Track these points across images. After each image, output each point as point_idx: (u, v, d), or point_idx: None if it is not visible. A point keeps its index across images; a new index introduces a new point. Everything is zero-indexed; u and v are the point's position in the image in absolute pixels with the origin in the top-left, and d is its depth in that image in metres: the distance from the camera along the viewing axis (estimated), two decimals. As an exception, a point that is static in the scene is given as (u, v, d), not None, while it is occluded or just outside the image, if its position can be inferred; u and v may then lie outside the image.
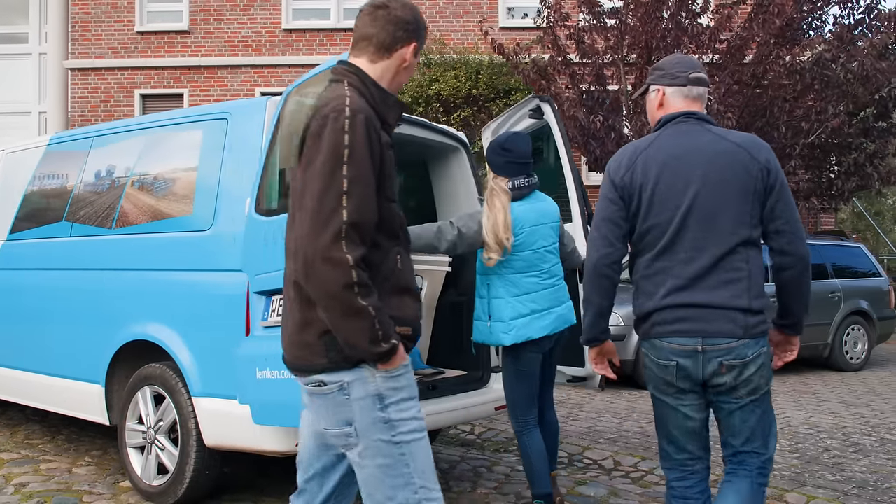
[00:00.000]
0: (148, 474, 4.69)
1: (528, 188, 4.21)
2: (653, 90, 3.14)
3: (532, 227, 4.17)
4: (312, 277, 2.22)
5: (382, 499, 2.37)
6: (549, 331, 4.17)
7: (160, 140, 4.98)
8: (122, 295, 4.89)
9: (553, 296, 4.24)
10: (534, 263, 4.18)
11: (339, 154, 2.22)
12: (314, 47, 15.93)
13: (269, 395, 3.92)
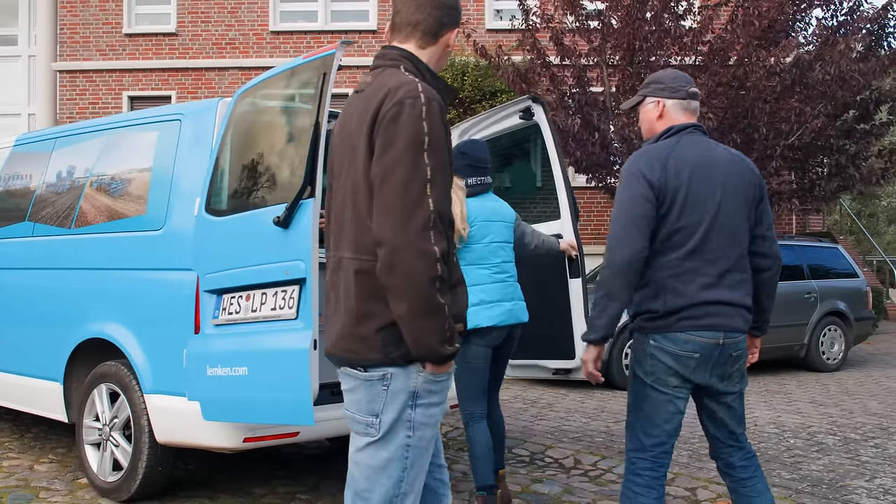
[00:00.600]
0: (103, 471, 4.75)
1: (480, 186, 4.47)
2: (650, 102, 3.32)
3: (483, 222, 4.40)
4: (399, 269, 2.16)
5: (361, 490, 2.36)
6: (496, 321, 4.31)
7: (118, 141, 5.04)
8: (79, 294, 4.95)
9: (503, 290, 4.41)
10: (484, 256, 4.38)
11: (419, 141, 2.18)
12: (301, 49, 15.99)
13: (219, 392, 3.98)
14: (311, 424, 3.61)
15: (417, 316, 2.18)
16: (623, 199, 3.11)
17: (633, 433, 3.26)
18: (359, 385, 2.36)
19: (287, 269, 3.67)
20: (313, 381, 3.55)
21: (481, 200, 4.46)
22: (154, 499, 4.70)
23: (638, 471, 3.23)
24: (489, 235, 4.41)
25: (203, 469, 5.47)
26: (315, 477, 5.34)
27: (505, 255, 4.48)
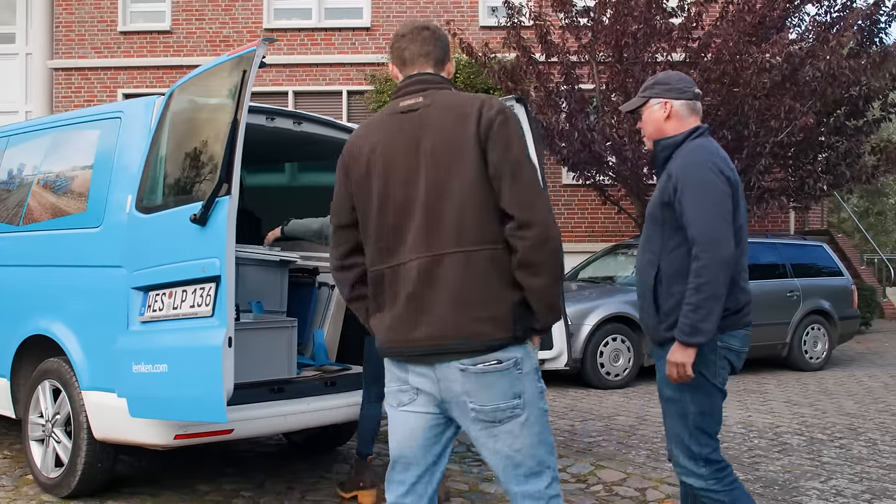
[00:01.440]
0: (46, 467, 4.78)
1: None
2: (656, 103, 3.34)
3: None
4: (549, 244, 2.48)
5: (534, 465, 2.59)
6: None
7: (64, 139, 5.06)
8: (25, 291, 4.98)
9: None
10: None
11: (523, 143, 2.58)
12: (295, 47, 16.03)
13: (144, 389, 3.99)
14: (224, 422, 3.61)
15: (554, 284, 2.51)
16: (706, 195, 3.11)
17: (705, 439, 3.23)
18: (491, 378, 2.52)
19: (204, 267, 3.68)
20: (226, 379, 3.56)
21: None
22: (96, 495, 4.72)
23: (730, 473, 3.27)
24: None
25: (151, 466, 5.49)
26: (262, 474, 5.34)
27: None
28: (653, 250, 3.30)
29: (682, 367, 3.11)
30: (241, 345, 4.64)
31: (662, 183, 3.27)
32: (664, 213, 3.24)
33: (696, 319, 3.04)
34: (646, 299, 3.33)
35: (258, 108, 4.96)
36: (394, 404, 2.67)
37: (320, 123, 5.20)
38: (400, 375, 2.64)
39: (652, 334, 3.34)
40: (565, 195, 15.78)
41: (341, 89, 15.92)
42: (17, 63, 16.51)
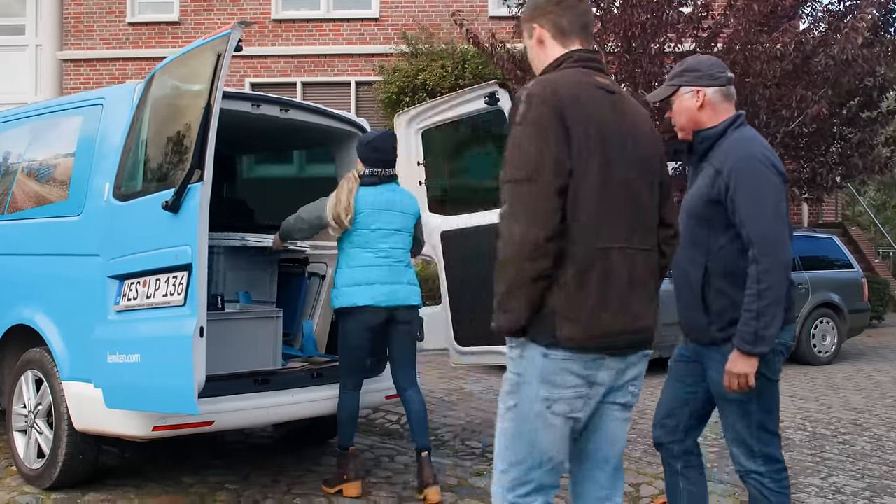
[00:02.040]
0: (29, 458, 4.73)
1: (376, 177, 4.69)
2: (687, 91, 3.17)
3: (371, 209, 4.62)
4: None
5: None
6: (374, 301, 4.57)
7: (49, 126, 5.01)
8: (8, 280, 4.93)
9: (389, 273, 4.65)
10: (370, 241, 4.62)
11: None
12: (303, 37, 15.95)
13: (118, 379, 3.93)
14: (195, 414, 3.54)
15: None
16: (762, 193, 2.97)
17: (768, 436, 3.16)
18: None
19: (176, 255, 3.60)
20: (198, 370, 3.48)
21: (376, 190, 4.68)
22: (79, 487, 4.66)
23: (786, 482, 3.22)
24: (377, 223, 4.64)
25: (136, 458, 5.44)
26: (249, 467, 5.27)
27: (395, 242, 4.70)
28: (696, 248, 3.13)
29: (742, 377, 2.97)
30: (225, 335, 4.59)
31: (709, 178, 3.09)
32: (710, 209, 3.08)
33: (758, 327, 2.90)
34: (691, 298, 3.17)
35: (243, 95, 4.89)
36: (564, 411, 2.41)
37: (308, 111, 5.12)
38: (586, 374, 2.41)
39: (700, 334, 3.18)
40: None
41: (350, 80, 15.84)
42: (27, 54, 16.53)
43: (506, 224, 2.32)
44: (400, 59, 15.09)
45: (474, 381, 8.62)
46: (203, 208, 3.55)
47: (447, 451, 5.87)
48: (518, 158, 2.32)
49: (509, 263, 2.31)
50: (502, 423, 2.49)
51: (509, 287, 2.31)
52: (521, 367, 2.40)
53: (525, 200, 2.29)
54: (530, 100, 2.35)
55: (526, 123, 2.33)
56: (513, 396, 2.44)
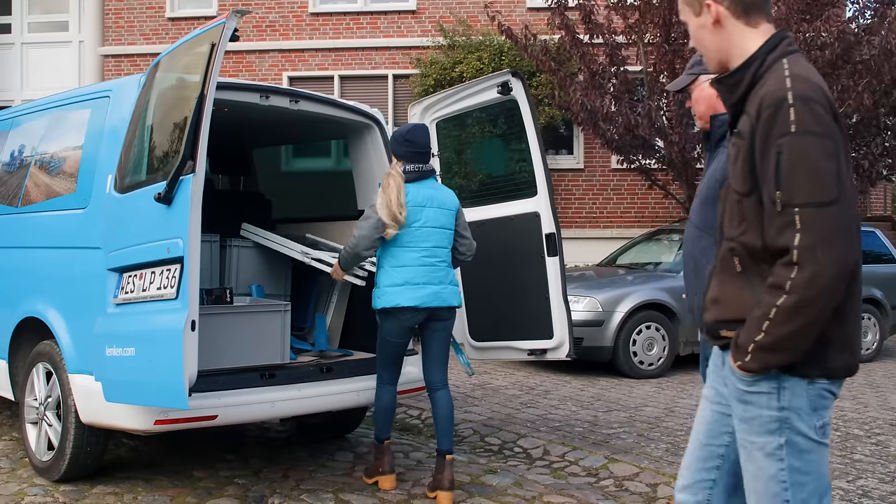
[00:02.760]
0: (40, 450, 4.75)
1: (418, 173, 4.54)
2: (706, 80, 3.17)
3: (415, 206, 4.48)
4: None
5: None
6: (417, 302, 4.45)
7: (61, 119, 5.02)
8: (21, 272, 4.96)
9: (431, 273, 4.52)
10: (414, 240, 4.49)
11: None
12: (340, 31, 15.93)
13: (116, 373, 3.91)
14: (185, 408, 3.50)
15: None
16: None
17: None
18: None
19: (168, 247, 3.56)
20: (188, 364, 3.44)
21: (417, 186, 4.52)
22: (88, 479, 4.67)
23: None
24: (421, 220, 4.50)
25: (152, 450, 5.44)
26: (262, 462, 5.24)
27: (437, 240, 4.57)
28: (710, 233, 3.10)
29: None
30: (232, 329, 4.56)
31: (725, 163, 3.03)
32: None
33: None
34: (702, 285, 3.07)
35: (251, 86, 4.85)
36: (829, 433, 2.30)
37: (318, 101, 5.05)
38: (837, 392, 2.30)
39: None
40: (614, 179, 15.41)
41: (387, 73, 15.77)
42: (70, 50, 16.75)
43: (809, 257, 2.07)
44: (437, 52, 14.98)
45: (503, 376, 8.51)
46: (195, 200, 3.50)
47: (464, 448, 5.78)
48: (813, 178, 2.08)
49: (812, 302, 2.09)
50: (769, 467, 2.25)
51: (804, 327, 2.11)
52: (784, 399, 2.21)
53: (835, 225, 2.08)
54: (809, 105, 2.10)
55: (812, 135, 2.09)
56: (778, 434, 2.23)
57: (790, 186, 2.08)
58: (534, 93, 14.41)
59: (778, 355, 2.15)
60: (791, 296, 2.08)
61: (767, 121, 2.12)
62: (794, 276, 2.08)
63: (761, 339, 2.14)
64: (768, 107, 2.12)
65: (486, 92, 5.18)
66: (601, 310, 8.38)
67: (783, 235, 2.10)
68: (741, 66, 2.26)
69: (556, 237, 5.00)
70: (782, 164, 2.09)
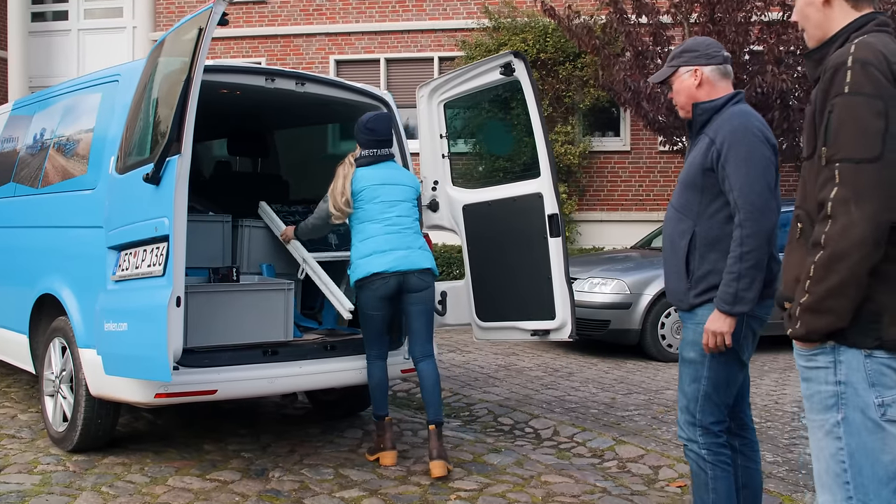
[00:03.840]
0: (56, 421, 4.94)
1: (372, 157, 4.84)
2: (685, 71, 3.28)
3: (371, 185, 4.76)
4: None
5: None
6: (385, 267, 4.63)
7: (76, 103, 5.19)
8: (40, 251, 5.15)
9: (397, 239, 4.73)
10: (375, 214, 4.74)
11: None
12: (387, 14, 15.99)
13: (112, 347, 4.06)
14: (167, 381, 3.61)
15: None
16: (752, 163, 3.06)
17: (713, 409, 3.26)
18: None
19: (155, 226, 3.67)
20: (172, 339, 3.55)
21: (373, 169, 4.82)
22: (101, 449, 4.84)
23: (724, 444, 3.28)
24: (379, 196, 4.75)
25: (167, 424, 5.61)
26: (272, 437, 5.37)
27: (399, 211, 4.79)
28: (689, 215, 3.25)
29: (720, 336, 3.07)
30: (237, 307, 4.67)
31: (704, 148, 3.21)
32: (705, 178, 3.18)
33: (738, 288, 3.02)
34: (676, 264, 3.29)
35: (256, 69, 4.96)
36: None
37: (325, 84, 5.13)
38: None
39: (679, 300, 3.30)
40: (661, 162, 15.20)
41: (433, 56, 15.79)
42: (124, 36, 17.13)
43: (842, 210, 2.10)
44: (482, 34, 14.96)
45: (530, 357, 8.53)
46: (180, 181, 3.60)
47: (475, 427, 5.84)
48: (858, 134, 2.12)
49: (845, 255, 2.09)
50: (828, 446, 2.23)
51: (840, 284, 2.10)
52: (841, 373, 2.19)
53: (873, 181, 2.09)
54: (865, 68, 2.14)
55: (863, 95, 2.13)
56: (835, 410, 2.21)
57: (835, 142, 2.15)
58: (578, 74, 14.30)
59: (822, 318, 2.14)
60: (826, 249, 2.12)
61: (826, 83, 2.20)
62: (827, 230, 2.12)
63: (805, 300, 2.16)
64: (829, 70, 2.20)
65: (489, 73, 5.19)
66: (629, 292, 8.33)
67: (824, 190, 2.15)
68: (827, 41, 2.35)
69: (558, 218, 5.00)
70: (832, 122, 2.16)
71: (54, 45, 17.15)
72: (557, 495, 4.46)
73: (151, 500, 4.11)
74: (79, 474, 4.46)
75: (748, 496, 3.46)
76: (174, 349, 3.58)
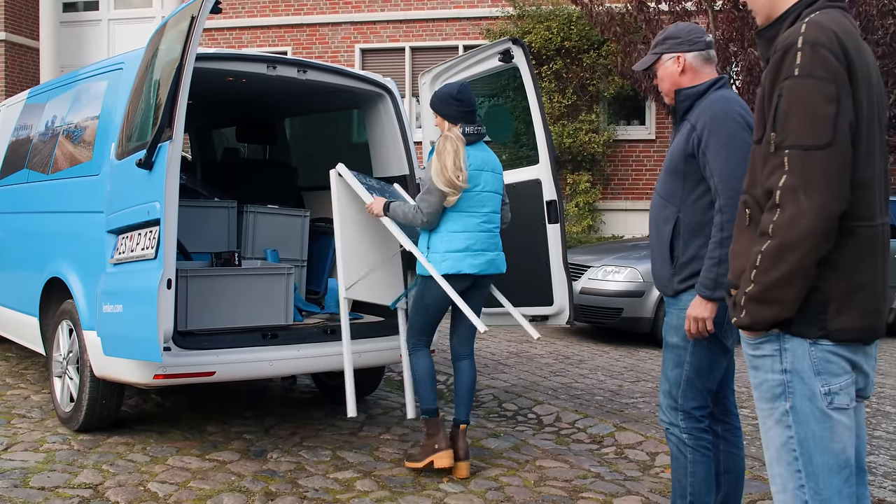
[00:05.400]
0: (64, 401, 5.06)
1: (477, 136, 4.40)
2: (668, 58, 3.27)
3: (475, 170, 4.35)
4: None
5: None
6: (477, 270, 4.36)
7: (83, 91, 5.30)
8: (48, 235, 5.28)
9: (489, 239, 4.44)
10: (474, 205, 4.35)
11: None
12: (412, 2, 16.01)
13: (109, 328, 4.16)
14: (158, 361, 3.70)
15: None
16: (732, 148, 3.05)
17: (695, 394, 3.27)
18: None
19: (148, 210, 3.76)
20: (162, 320, 3.63)
21: (475, 149, 4.40)
22: (106, 429, 4.96)
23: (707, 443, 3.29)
24: (480, 184, 4.37)
25: (174, 405, 5.73)
26: (275, 420, 5.45)
27: (493, 206, 4.47)
28: (672, 202, 3.25)
29: (702, 321, 3.07)
30: (238, 291, 4.75)
31: (686, 134, 3.20)
32: (687, 165, 3.18)
33: (719, 273, 3.00)
34: (661, 250, 3.30)
35: (258, 57, 5.01)
36: (845, 403, 2.19)
37: (327, 71, 5.17)
38: (853, 359, 2.20)
39: (664, 285, 3.30)
40: (686, 151, 15.12)
41: (457, 44, 15.79)
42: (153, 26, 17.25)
43: (791, 199, 2.05)
44: (506, 22, 14.95)
45: (543, 345, 8.54)
46: (171, 166, 3.68)
47: (478, 413, 5.88)
48: (808, 120, 2.06)
49: (793, 246, 2.04)
50: (779, 435, 2.23)
51: (788, 274, 2.06)
52: (787, 362, 2.18)
53: (822, 170, 2.03)
54: (816, 49, 2.07)
55: (814, 78, 2.06)
56: (783, 399, 2.20)
57: (784, 128, 2.08)
58: (603, 62, 14.24)
59: (767, 308, 2.11)
60: (773, 239, 2.07)
61: (775, 64, 2.13)
62: (775, 219, 2.07)
63: (751, 290, 2.13)
64: (778, 51, 2.13)
65: (489, 60, 5.21)
66: (641, 280, 8.31)
67: (772, 177, 2.09)
68: (777, 19, 2.28)
69: (556, 204, 5.02)
70: (781, 106, 2.09)
71: (85, 34, 17.40)
72: (550, 479, 4.49)
73: (149, 479, 4.21)
74: (82, 453, 4.58)
75: (730, 481, 3.48)
76: (165, 330, 3.66)
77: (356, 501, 4.05)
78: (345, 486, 4.26)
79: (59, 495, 3.93)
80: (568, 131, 14.18)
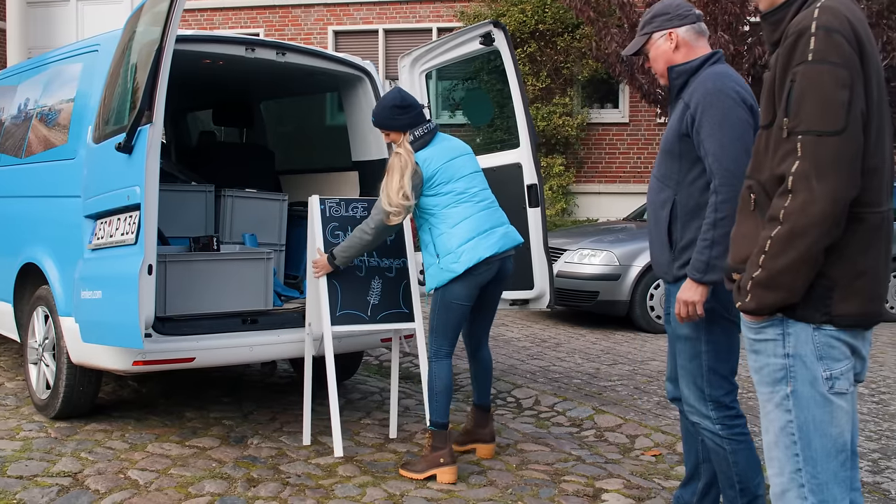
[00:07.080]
0: (39, 388, 5.00)
1: (430, 134, 4.24)
2: (659, 36, 3.16)
3: (445, 162, 4.21)
4: None
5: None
6: (496, 249, 4.16)
7: (58, 73, 5.20)
8: (22, 220, 5.20)
9: (493, 215, 4.27)
10: (461, 192, 4.20)
11: None
12: (385, -16, 15.94)
13: (88, 315, 4.11)
14: (140, 348, 3.66)
15: None
16: (727, 126, 2.95)
17: (720, 381, 3.13)
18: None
19: (128, 195, 3.70)
20: (143, 306, 3.59)
21: (432, 148, 4.23)
22: (83, 416, 4.91)
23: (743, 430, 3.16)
24: (458, 171, 4.24)
25: (151, 392, 5.68)
26: (254, 406, 5.43)
27: (479, 184, 4.31)
28: (669, 184, 3.15)
29: (692, 305, 2.98)
30: (217, 276, 4.71)
31: (679, 113, 3.10)
32: (682, 145, 3.08)
33: (711, 256, 2.92)
34: (659, 235, 3.20)
35: (236, 39, 4.94)
36: (845, 387, 2.21)
37: (305, 53, 5.13)
38: (854, 344, 2.22)
39: (664, 272, 3.21)
40: (659, 134, 15.16)
41: (431, 26, 15.73)
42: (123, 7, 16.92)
43: (803, 185, 2.04)
44: (480, 4, 14.91)
45: (520, 328, 8.56)
46: (152, 149, 3.63)
47: (457, 396, 5.88)
48: (821, 106, 2.05)
49: (804, 232, 2.05)
50: (778, 418, 2.24)
51: (797, 261, 2.07)
52: (789, 346, 2.20)
53: (835, 156, 2.03)
54: (830, 35, 2.07)
55: (828, 63, 2.06)
56: (784, 383, 2.21)
57: (797, 113, 2.08)
58: (577, 45, 14.24)
59: (774, 293, 2.12)
60: (784, 225, 2.07)
61: (788, 49, 2.12)
62: (787, 205, 2.06)
63: (758, 274, 2.12)
64: (790, 35, 2.12)
65: (470, 43, 5.18)
66: (618, 264, 8.35)
67: (784, 163, 2.09)
68: (784, 3, 2.26)
69: (537, 188, 5.01)
70: (794, 91, 2.09)
71: (53, 15, 17.12)
72: (532, 463, 4.51)
73: (129, 466, 4.18)
74: (60, 440, 4.53)
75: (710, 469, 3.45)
76: (146, 316, 3.62)
77: (339, 487, 4.05)
78: (327, 472, 4.25)
79: (37, 484, 3.89)
80: (542, 114, 14.19)
